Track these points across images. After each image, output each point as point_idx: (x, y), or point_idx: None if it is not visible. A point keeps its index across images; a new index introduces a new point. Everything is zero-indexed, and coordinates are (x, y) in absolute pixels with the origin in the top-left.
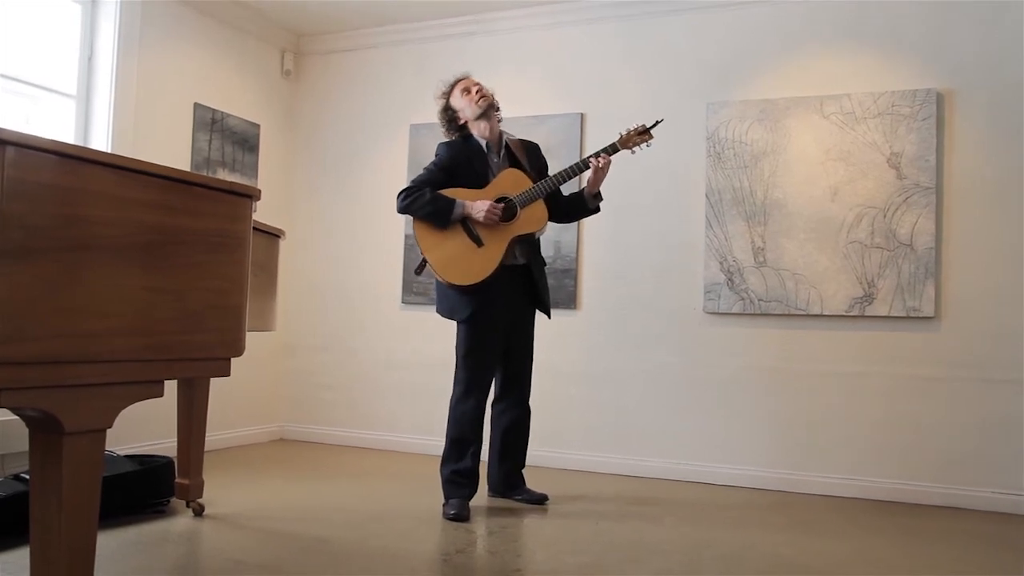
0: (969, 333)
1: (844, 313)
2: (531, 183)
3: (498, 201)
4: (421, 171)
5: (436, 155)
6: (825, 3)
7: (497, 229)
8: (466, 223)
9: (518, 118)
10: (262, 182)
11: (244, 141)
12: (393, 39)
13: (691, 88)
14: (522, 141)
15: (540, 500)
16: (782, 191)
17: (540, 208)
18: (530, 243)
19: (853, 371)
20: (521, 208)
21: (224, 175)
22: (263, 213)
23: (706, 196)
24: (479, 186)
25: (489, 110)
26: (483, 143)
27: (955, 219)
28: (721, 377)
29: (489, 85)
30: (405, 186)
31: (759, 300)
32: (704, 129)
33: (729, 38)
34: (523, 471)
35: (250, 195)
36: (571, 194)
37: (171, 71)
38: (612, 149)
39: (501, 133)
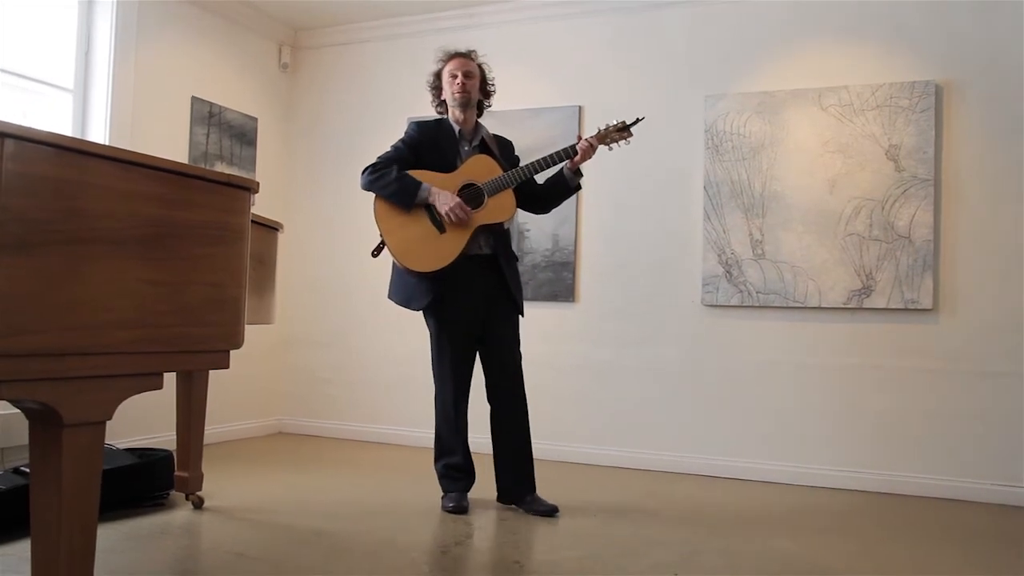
0: (967, 325)
1: (842, 305)
2: (502, 171)
3: (466, 187)
4: (388, 148)
5: (405, 132)
6: None
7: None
8: (430, 207)
9: (515, 111)
10: (260, 175)
11: (242, 135)
12: (390, 33)
13: (689, 80)
14: (496, 136)
15: (549, 512)
16: (780, 183)
17: (508, 197)
18: (498, 234)
19: (851, 363)
20: (489, 196)
21: (222, 169)
22: (261, 206)
23: (704, 189)
24: (446, 170)
25: (465, 105)
26: (456, 128)
27: (953, 211)
28: (719, 370)
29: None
30: (370, 163)
31: (757, 292)
32: (702, 122)
33: (727, 30)
34: (532, 476)
35: (248, 188)
36: (548, 178)
37: (168, 65)
38: (591, 142)
39: (478, 124)
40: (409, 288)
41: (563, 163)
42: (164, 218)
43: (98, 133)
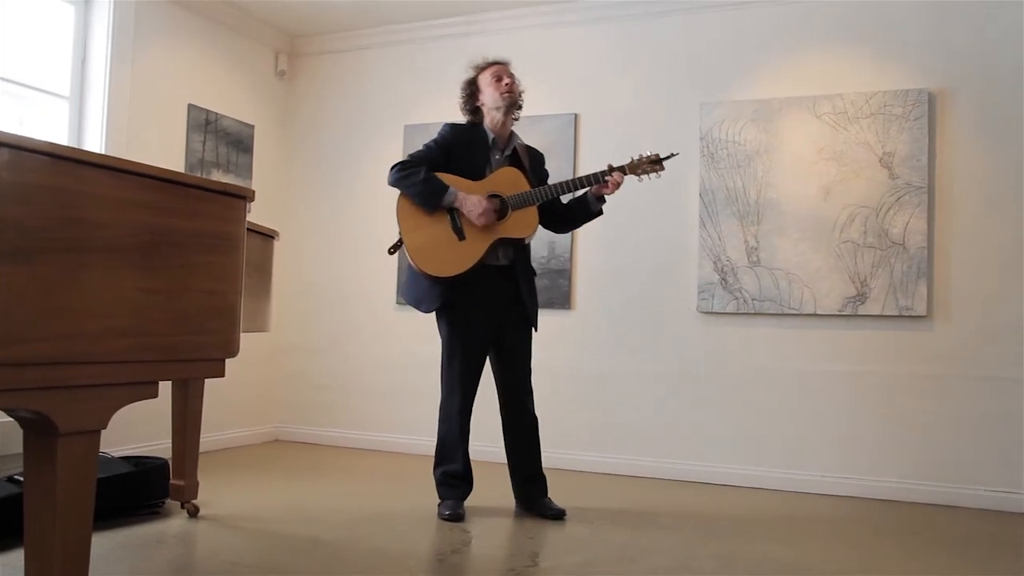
0: (961, 331)
1: (837, 312)
2: (529, 186)
3: (491, 198)
4: (420, 147)
5: (439, 134)
6: (818, 4)
7: (483, 226)
8: (453, 212)
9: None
10: (256, 183)
11: (238, 142)
12: (387, 40)
13: (684, 88)
14: (528, 147)
15: (556, 516)
16: (775, 191)
17: (532, 214)
18: (518, 247)
19: (846, 370)
20: (513, 210)
21: (218, 176)
22: (257, 214)
23: (700, 196)
24: (474, 177)
25: (510, 108)
26: (490, 136)
27: (947, 218)
28: (715, 377)
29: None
30: (400, 160)
31: (753, 300)
32: (697, 129)
33: (722, 39)
34: (544, 482)
35: (244, 196)
36: (572, 199)
37: (165, 72)
38: (622, 170)
39: (512, 133)
40: (421, 290)
41: (589, 187)
42: (160, 226)
43: (94, 141)
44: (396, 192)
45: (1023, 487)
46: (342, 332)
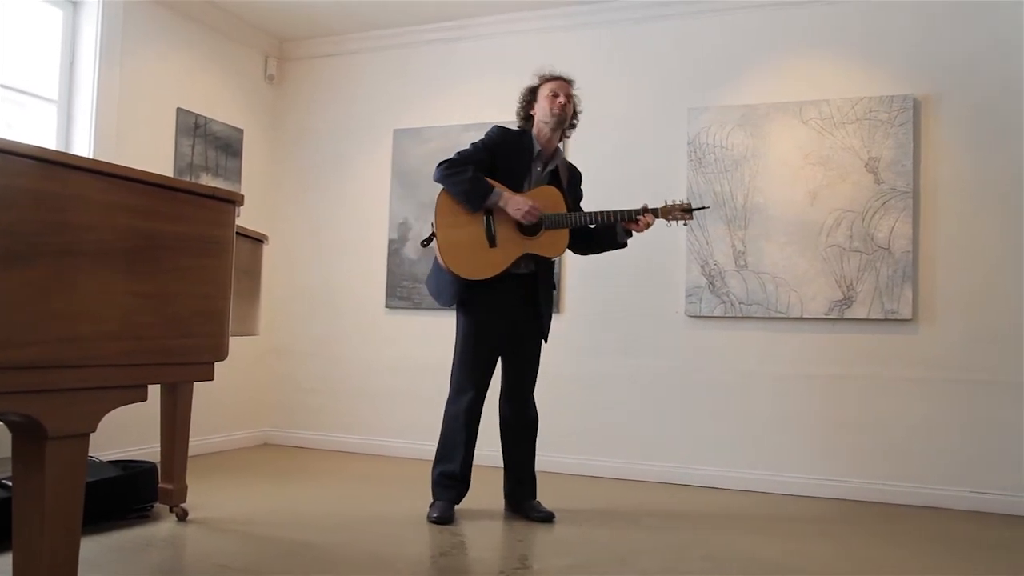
0: (946, 335)
1: (823, 316)
2: (566, 210)
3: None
4: (467, 146)
5: (487, 135)
6: (805, 10)
7: (515, 238)
8: (489, 217)
9: (503, 124)
10: (245, 187)
11: (227, 146)
12: (377, 44)
13: (672, 93)
14: (570, 166)
15: (545, 518)
16: (762, 195)
17: (563, 236)
18: (540, 262)
19: (832, 373)
20: (546, 229)
21: (207, 180)
22: (247, 218)
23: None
24: (512, 184)
25: (557, 126)
26: (536, 147)
27: (931, 223)
28: (703, 380)
29: (474, 90)
30: (448, 158)
31: (740, 303)
32: (685, 134)
33: (710, 44)
34: (534, 484)
35: (233, 200)
36: (600, 224)
37: (154, 76)
38: (655, 213)
39: (557, 150)
40: (443, 283)
41: (621, 221)
42: (149, 230)
43: (82, 144)
44: (386, 195)
45: (1007, 488)
46: (331, 335)
